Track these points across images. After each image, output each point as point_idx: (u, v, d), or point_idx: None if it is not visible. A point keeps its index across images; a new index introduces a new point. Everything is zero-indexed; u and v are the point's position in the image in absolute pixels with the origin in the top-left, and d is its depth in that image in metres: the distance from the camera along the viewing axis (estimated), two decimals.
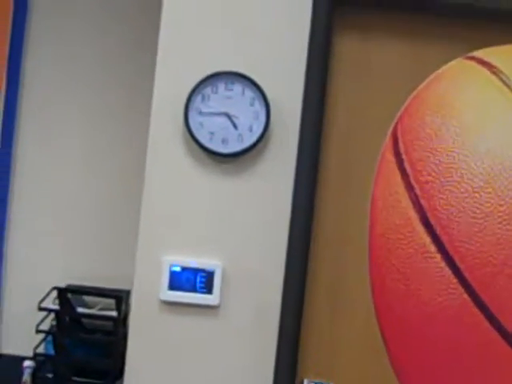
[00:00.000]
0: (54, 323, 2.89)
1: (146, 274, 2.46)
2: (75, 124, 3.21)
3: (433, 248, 0.60)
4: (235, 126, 2.44)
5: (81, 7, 3.20)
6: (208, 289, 2.45)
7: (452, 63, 0.68)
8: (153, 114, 2.47)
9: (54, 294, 2.89)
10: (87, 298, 2.93)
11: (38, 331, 2.84)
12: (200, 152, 2.46)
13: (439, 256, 0.59)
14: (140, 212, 2.48)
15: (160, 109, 2.47)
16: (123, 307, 2.83)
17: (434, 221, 0.60)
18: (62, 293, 2.84)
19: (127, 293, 2.89)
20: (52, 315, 2.88)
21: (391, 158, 0.65)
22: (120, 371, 2.67)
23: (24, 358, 2.93)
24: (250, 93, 2.45)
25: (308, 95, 2.47)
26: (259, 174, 2.47)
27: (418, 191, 0.61)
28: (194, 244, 2.47)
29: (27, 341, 3.01)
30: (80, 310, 2.86)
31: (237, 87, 2.45)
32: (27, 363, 2.89)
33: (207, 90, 2.45)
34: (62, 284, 3.05)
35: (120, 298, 2.82)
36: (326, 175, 2.58)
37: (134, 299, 2.49)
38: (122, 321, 2.84)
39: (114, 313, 2.81)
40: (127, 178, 3.15)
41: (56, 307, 2.84)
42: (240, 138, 2.44)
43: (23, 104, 3.22)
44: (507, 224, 0.57)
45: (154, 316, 2.47)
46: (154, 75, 2.47)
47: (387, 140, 0.67)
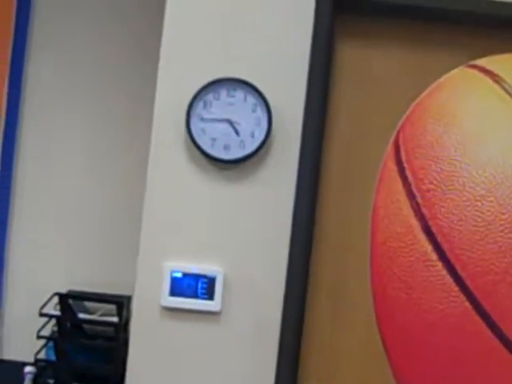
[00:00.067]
0: (55, 329, 2.88)
1: (148, 280, 2.46)
2: (77, 130, 3.21)
3: (434, 256, 0.60)
4: (237, 133, 2.45)
5: (83, 14, 3.21)
6: (209, 295, 2.45)
7: (454, 71, 0.68)
8: (155, 121, 2.47)
9: (55, 300, 2.89)
10: (88, 304, 2.93)
11: (39, 337, 2.84)
12: (202, 158, 2.46)
13: (440, 264, 0.59)
14: (141, 218, 2.48)
15: (162, 115, 2.47)
16: (124, 313, 2.83)
17: (436, 229, 0.60)
18: (63, 299, 2.84)
19: (128, 299, 2.88)
20: (53, 321, 2.88)
21: (393, 167, 0.65)
22: (121, 377, 2.66)
23: (25, 364, 2.93)
24: (252, 99, 2.45)
25: (310, 102, 2.47)
26: (261, 181, 2.47)
27: (420, 199, 0.61)
28: (196, 250, 2.47)
29: (28, 346, 3.01)
30: (81, 316, 2.86)
31: (239, 93, 2.45)
32: (28, 369, 2.89)
33: (209, 97, 2.45)
34: (63, 290, 3.05)
35: (121, 304, 2.81)
36: (328, 182, 2.58)
37: (136, 305, 2.49)
38: (123, 327, 2.84)
39: (115, 319, 2.81)
40: (129, 185, 3.15)
41: (57, 313, 2.84)
42: (242, 145, 2.45)
43: (25, 109, 3.22)
44: (509, 232, 0.57)
45: (155, 322, 2.47)
46: (156, 81, 2.48)
47: (389, 148, 0.67)
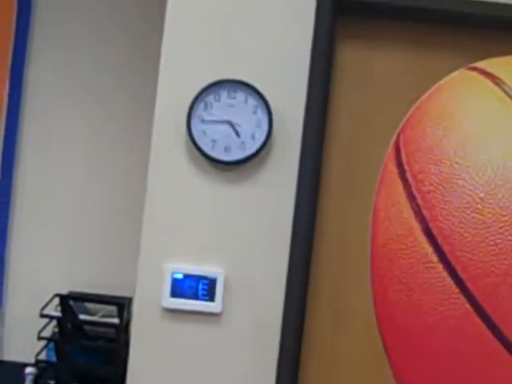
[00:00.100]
0: (56, 330, 2.89)
1: (148, 281, 2.47)
2: (77, 131, 3.21)
3: (435, 258, 0.60)
4: (238, 134, 2.45)
5: (83, 15, 3.21)
6: (210, 296, 2.45)
7: (454, 74, 0.68)
8: (155, 122, 2.47)
9: (56, 301, 2.89)
10: (89, 305, 2.93)
11: (40, 338, 2.84)
12: (202, 160, 2.47)
13: (441, 266, 0.59)
14: (142, 219, 2.48)
15: (162, 117, 2.47)
16: (125, 314, 2.83)
17: (436, 231, 0.60)
18: (64, 300, 2.85)
19: (129, 300, 2.89)
20: (54, 322, 2.88)
21: (393, 169, 0.65)
22: (122, 378, 2.66)
23: (26, 365, 2.93)
24: (253, 101, 2.45)
25: (310, 104, 2.48)
26: (261, 182, 2.47)
27: (420, 201, 0.61)
28: (196, 251, 2.47)
29: (29, 347, 3.01)
30: (82, 317, 2.86)
31: (239, 95, 2.45)
32: (29, 370, 2.89)
33: (210, 98, 2.45)
34: (64, 291, 3.05)
35: (122, 305, 2.82)
36: (328, 183, 2.58)
37: (136, 306, 2.49)
38: (124, 328, 2.84)
39: (116, 320, 2.81)
40: (129, 186, 3.15)
41: (58, 314, 2.84)
42: (242, 146, 2.45)
43: (26, 110, 3.22)
44: (509, 234, 0.57)
45: (156, 323, 2.47)
46: (157, 83, 2.48)
47: (389, 150, 0.67)
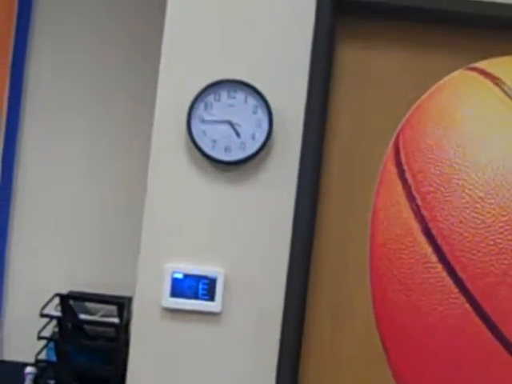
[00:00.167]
0: (56, 330, 2.89)
1: (148, 281, 2.47)
2: (77, 131, 3.21)
3: (434, 258, 0.60)
4: (238, 134, 2.45)
5: (84, 15, 3.21)
6: (210, 296, 2.45)
7: (454, 74, 0.68)
8: (155, 122, 2.47)
9: (56, 301, 2.89)
10: (89, 305, 2.93)
11: (40, 338, 2.85)
12: (203, 160, 2.47)
13: (440, 266, 0.59)
14: (142, 219, 2.49)
15: (163, 117, 2.47)
16: (125, 314, 2.83)
17: (436, 231, 0.60)
18: (64, 299, 2.85)
19: (129, 299, 2.89)
20: (54, 322, 2.88)
21: (393, 169, 0.65)
22: (122, 378, 2.66)
23: (26, 365, 2.94)
24: (253, 101, 2.45)
25: (310, 103, 2.48)
26: (261, 182, 2.47)
27: (420, 201, 0.61)
28: (196, 251, 2.47)
29: (29, 347, 3.01)
30: (82, 317, 2.86)
31: (239, 95, 2.45)
32: (29, 369, 2.89)
33: (210, 98, 2.45)
34: (64, 291, 3.05)
35: (122, 305, 2.82)
36: (329, 183, 2.58)
37: (136, 306, 2.49)
38: (124, 327, 2.84)
39: (116, 319, 2.81)
40: (130, 186, 3.16)
41: (58, 314, 2.84)
42: (243, 146, 2.45)
43: (26, 110, 3.22)
44: (509, 234, 0.57)
45: (156, 323, 2.47)
46: (156, 82, 2.48)
47: (389, 150, 0.67)
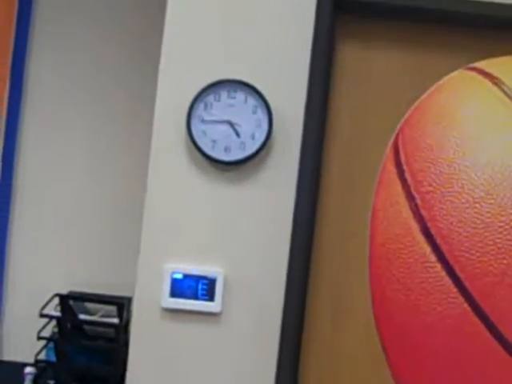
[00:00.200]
0: (56, 330, 2.89)
1: (148, 281, 2.47)
2: (77, 131, 3.21)
3: (433, 258, 0.60)
4: (238, 134, 2.45)
5: (83, 14, 3.21)
6: (210, 296, 2.45)
7: (453, 74, 0.68)
8: (155, 122, 2.47)
9: (56, 301, 2.89)
10: (89, 305, 2.93)
11: (40, 338, 2.85)
12: (202, 160, 2.47)
13: (439, 266, 0.59)
14: (142, 219, 2.49)
15: (162, 117, 2.47)
16: (125, 314, 2.83)
17: (435, 231, 0.60)
18: (64, 299, 2.85)
19: (129, 300, 2.89)
20: (54, 322, 2.88)
21: (392, 169, 0.65)
22: (121, 378, 2.67)
23: (25, 365, 2.94)
24: (253, 101, 2.45)
25: (310, 103, 2.48)
26: (261, 182, 2.47)
27: (419, 201, 0.61)
28: (196, 251, 2.47)
29: (29, 347, 3.02)
30: (82, 317, 2.86)
31: (239, 95, 2.45)
32: (28, 370, 2.89)
33: (210, 98, 2.45)
34: (64, 291, 3.05)
35: (122, 305, 2.82)
36: (328, 183, 2.58)
37: (136, 306, 2.49)
38: (124, 328, 2.84)
39: (116, 320, 2.81)
40: (129, 186, 3.16)
41: (58, 314, 2.84)
42: (242, 146, 2.45)
43: (26, 109, 3.22)
44: (508, 234, 0.58)
45: (156, 323, 2.47)
46: (156, 81, 2.48)
47: (388, 151, 0.67)
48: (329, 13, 2.48)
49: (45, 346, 2.92)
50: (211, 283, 2.45)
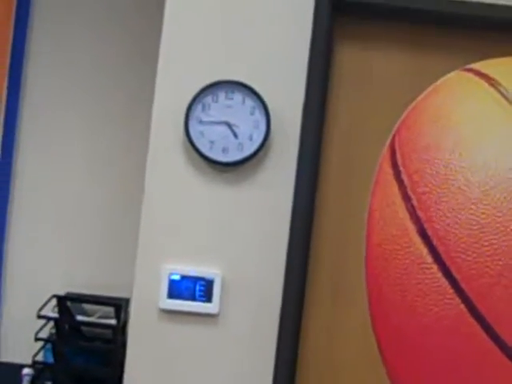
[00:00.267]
0: (54, 331, 2.89)
1: (146, 283, 2.47)
2: (75, 132, 3.21)
3: (429, 259, 0.60)
4: (235, 135, 2.45)
5: (82, 14, 3.21)
6: (207, 297, 2.45)
7: (450, 75, 0.68)
8: (153, 123, 2.47)
9: (54, 302, 2.89)
10: (86, 306, 2.93)
11: (37, 339, 2.84)
12: (200, 161, 2.47)
13: (436, 267, 0.59)
14: (140, 220, 2.48)
15: (160, 117, 2.47)
16: (122, 315, 2.83)
17: (431, 232, 0.60)
18: (62, 301, 2.85)
19: (126, 301, 2.89)
20: (51, 323, 2.88)
21: (388, 170, 0.65)
22: (119, 379, 2.66)
23: (23, 366, 2.93)
24: (251, 102, 2.45)
25: (308, 104, 2.48)
26: (259, 183, 2.47)
27: (415, 202, 0.61)
28: (194, 253, 2.47)
29: (26, 349, 3.01)
30: (79, 318, 2.86)
31: (237, 96, 2.45)
32: (26, 371, 2.89)
33: (208, 99, 2.45)
34: (62, 292, 3.05)
35: (119, 306, 2.82)
36: (326, 184, 2.58)
37: (134, 307, 2.49)
38: (121, 329, 2.84)
39: (114, 321, 2.81)
40: (127, 187, 3.15)
41: (55, 315, 2.84)
42: (240, 147, 2.45)
43: (24, 111, 3.22)
44: (504, 235, 0.58)
45: (153, 324, 2.47)
46: (154, 82, 2.48)
47: (385, 151, 0.67)
48: (327, 14, 2.48)
49: (42, 348, 2.92)
50: (209, 284, 2.45)
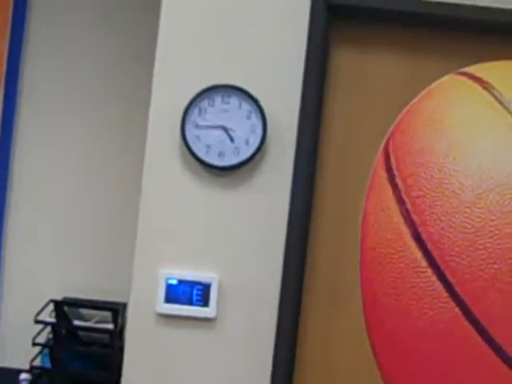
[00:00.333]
0: (51, 336, 2.88)
1: (143, 287, 2.46)
2: (72, 135, 3.21)
3: (424, 263, 0.60)
4: (232, 139, 2.45)
5: (79, 19, 3.21)
6: (204, 301, 2.45)
7: (444, 79, 0.69)
8: (149, 127, 2.47)
9: (51, 307, 2.89)
10: (84, 311, 2.93)
11: (35, 344, 2.84)
12: (197, 165, 2.47)
13: (430, 270, 0.60)
14: (137, 225, 2.48)
15: (157, 122, 2.47)
16: (119, 320, 2.83)
17: (426, 236, 0.60)
18: (59, 306, 2.84)
19: (123, 305, 2.88)
20: (48, 328, 2.88)
21: (383, 174, 0.65)
22: None
23: (20, 371, 2.93)
24: (247, 106, 2.45)
25: (305, 108, 2.48)
26: (256, 187, 2.47)
27: (410, 206, 0.61)
28: (191, 257, 2.47)
29: (24, 354, 3.01)
30: (76, 323, 2.86)
31: (233, 100, 2.45)
32: (23, 376, 2.89)
33: (204, 103, 2.45)
34: (59, 297, 3.05)
35: (116, 311, 2.81)
36: (323, 188, 2.58)
37: (131, 312, 2.48)
38: (119, 333, 2.84)
39: (111, 325, 2.81)
40: (124, 191, 3.15)
41: (52, 320, 2.84)
42: (236, 151, 2.45)
43: (21, 114, 3.22)
44: (498, 239, 0.58)
45: (151, 329, 2.47)
46: (151, 85, 2.48)
47: (379, 155, 0.67)
48: (323, 18, 2.49)
49: (40, 352, 2.92)
50: (206, 289, 2.45)
